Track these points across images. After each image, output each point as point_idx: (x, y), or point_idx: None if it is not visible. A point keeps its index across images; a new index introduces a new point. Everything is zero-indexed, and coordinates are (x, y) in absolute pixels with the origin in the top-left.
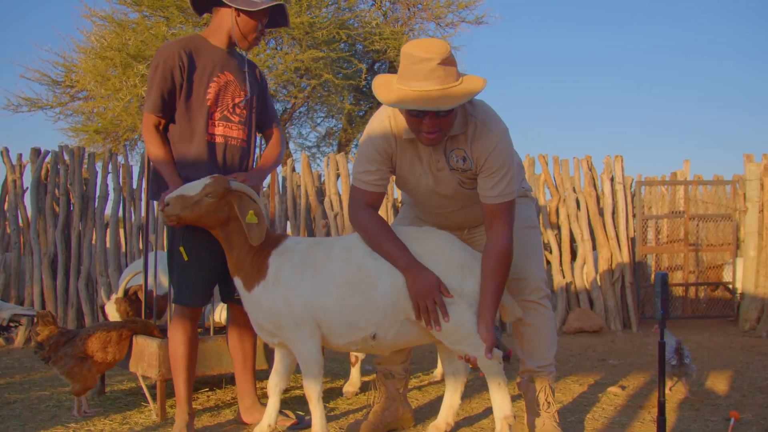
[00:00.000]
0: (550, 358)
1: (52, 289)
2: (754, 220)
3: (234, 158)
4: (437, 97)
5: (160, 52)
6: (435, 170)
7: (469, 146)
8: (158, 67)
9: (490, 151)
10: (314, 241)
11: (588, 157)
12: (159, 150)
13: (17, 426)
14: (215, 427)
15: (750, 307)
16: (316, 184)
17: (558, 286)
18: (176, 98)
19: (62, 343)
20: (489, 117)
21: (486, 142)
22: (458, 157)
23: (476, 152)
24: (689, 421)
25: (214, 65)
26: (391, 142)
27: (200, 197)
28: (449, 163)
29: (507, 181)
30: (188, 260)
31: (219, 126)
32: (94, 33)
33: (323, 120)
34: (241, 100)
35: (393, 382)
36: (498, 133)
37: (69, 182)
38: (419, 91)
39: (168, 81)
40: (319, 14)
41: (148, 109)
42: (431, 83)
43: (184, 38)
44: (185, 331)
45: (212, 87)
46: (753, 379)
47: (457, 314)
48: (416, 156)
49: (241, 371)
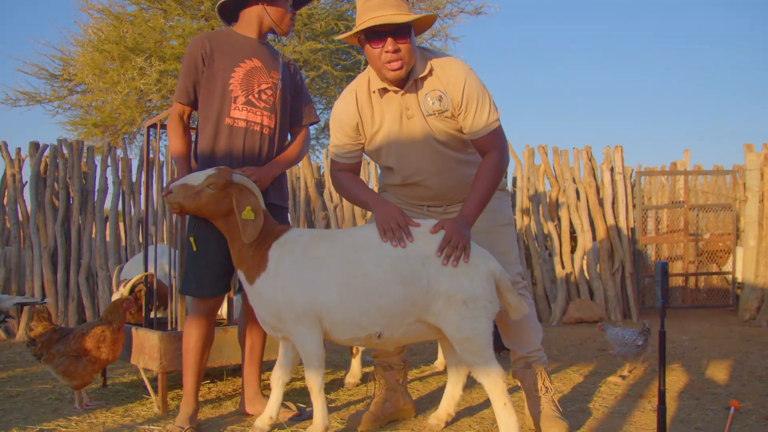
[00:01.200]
0: (537, 344)
1: (53, 283)
2: (754, 209)
3: (255, 145)
4: (391, 15)
5: (189, 44)
6: (405, 119)
7: (440, 83)
8: (185, 57)
9: (463, 82)
10: (317, 234)
11: (588, 148)
12: (177, 141)
13: (19, 419)
14: (217, 419)
15: (750, 296)
16: (315, 176)
17: (558, 276)
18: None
19: (55, 341)
20: (446, 55)
21: (456, 73)
22: (433, 98)
23: (450, 87)
24: (689, 410)
25: (241, 51)
26: (352, 114)
27: (202, 187)
28: (423, 108)
29: (488, 111)
30: (197, 251)
31: (243, 110)
32: (92, 26)
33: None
34: (268, 86)
35: (392, 373)
36: (464, 66)
37: (68, 176)
38: (375, 17)
39: (192, 70)
40: (317, 5)
41: (175, 97)
42: (386, 10)
43: (214, 31)
44: (200, 327)
45: (237, 71)
46: (753, 368)
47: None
48: (384, 109)
49: (248, 361)
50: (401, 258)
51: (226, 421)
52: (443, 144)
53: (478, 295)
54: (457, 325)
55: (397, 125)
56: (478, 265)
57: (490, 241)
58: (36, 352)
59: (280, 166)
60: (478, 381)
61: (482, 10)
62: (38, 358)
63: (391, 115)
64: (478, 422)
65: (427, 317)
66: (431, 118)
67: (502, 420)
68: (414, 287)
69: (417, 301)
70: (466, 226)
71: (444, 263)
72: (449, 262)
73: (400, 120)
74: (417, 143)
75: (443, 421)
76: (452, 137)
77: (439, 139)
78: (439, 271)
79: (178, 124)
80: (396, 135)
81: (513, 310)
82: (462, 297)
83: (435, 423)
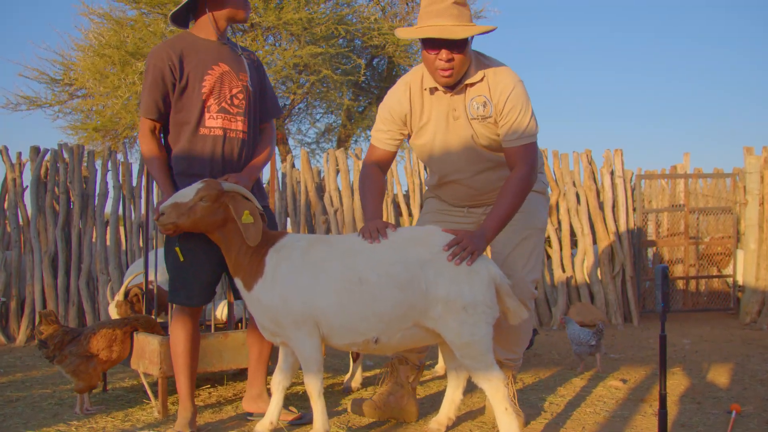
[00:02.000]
0: (519, 353)
1: (53, 288)
2: (755, 212)
3: (234, 151)
4: (451, 27)
5: (149, 56)
6: (451, 119)
7: (488, 90)
8: (149, 71)
9: (510, 90)
10: (315, 239)
11: (588, 151)
12: (152, 155)
13: (19, 424)
14: (217, 423)
15: (751, 300)
16: (315, 180)
17: (558, 280)
18: (170, 98)
19: (67, 342)
20: (503, 65)
21: (505, 82)
22: (478, 104)
23: (496, 94)
24: (690, 414)
25: (207, 58)
26: (404, 103)
27: (194, 202)
28: (468, 111)
29: (527, 123)
30: (184, 261)
31: (218, 118)
32: (92, 30)
33: (322, 116)
34: (239, 89)
35: (405, 369)
36: (515, 77)
37: (69, 180)
38: (434, 26)
39: (159, 83)
40: (317, 10)
41: (142, 112)
42: (445, 19)
43: (172, 38)
44: (185, 329)
45: (207, 80)
46: (754, 371)
47: (475, 328)
48: (433, 106)
49: (255, 364)
50: (399, 262)
51: (226, 425)
52: (484, 147)
53: (478, 301)
54: (457, 331)
55: (444, 124)
56: (479, 270)
57: (520, 240)
58: (48, 355)
59: (258, 169)
60: (479, 386)
61: (482, 14)
62: (51, 360)
63: (438, 113)
64: (479, 426)
65: (426, 322)
66: (475, 121)
67: (503, 424)
68: (411, 292)
69: (415, 306)
70: (482, 239)
71: (449, 259)
72: (453, 259)
73: (446, 119)
74: (459, 143)
75: (444, 426)
76: (493, 141)
77: (481, 143)
78: (438, 275)
79: (151, 139)
80: (441, 133)
81: (512, 315)
82: (462, 303)
83: (436, 427)
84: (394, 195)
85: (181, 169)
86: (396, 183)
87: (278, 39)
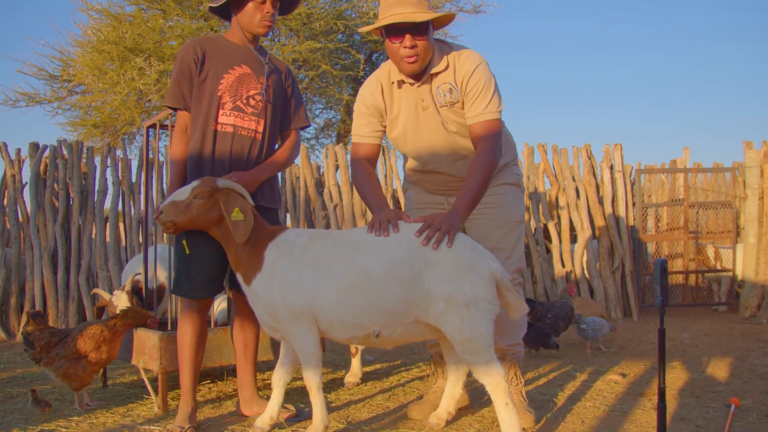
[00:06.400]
0: (518, 338)
1: (53, 284)
2: (754, 207)
3: (243, 148)
4: (411, 13)
5: (180, 49)
6: (420, 109)
7: (453, 76)
8: (177, 62)
9: (473, 69)
10: (316, 234)
11: (587, 146)
12: (175, 158)
13: (20, 419)
14: (217, 418)
15: (750, 294)
16: (315, 176)
17: (558, 275)
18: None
19: (54, 344)
20: (465, 48)
21: (469, 62)
22: (444, 90)
23: (460, 76)
24: (690, 408)
25: (230, 59)
26: (377, 97)
27: (190, 200)
28: (436, 99)
29: (489, 100)
30: (190, 253)
31: (231, 116)
32: (91, 26)
33: (322, 111)
34: (257, 91)
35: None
36: (478, 57)
37: (68, 176)
38: (395, 14)
39: (186, 74)
40: (316, 5)
41: (170, 103)
42: (405, 8)
43: (203, 36)
44: (193, 323)
45: (226, 78)
46: (753, 365)
47: (476, 324)
48: (402, 98)
49: (242, 361)
50: (402, 259)
51: (226, 420)
52: (455, 133)
53: (480, 298)
54: (458, 327)
55: (413, 115)
56: (480, 268)
57: (501, 236)
58: (35, 357)
59: (268, 170)
60: (480, 381)
61: (481, 8)
62: (37, 362)
63: (408, 105)
64: (479, 421)
65: (427, 319)
66: (444, 109)
67: (504, 419)
68: (413, 289)
69: (416, 303)
70: (456, 217)
71: (423, 243)
72: (429, 243)
73: (415, 110)
74: (431, 132)
75: (444, 420)
76: (463, 126)
77: (451, 129)
78: (442, 275)
79: (180, 138)
80: (412, 124)
81: (513, 309)
82: (464, 300)
83: (435, 422)
84: (394, 190)
85: (193, 163)
86: (396, 178)
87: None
